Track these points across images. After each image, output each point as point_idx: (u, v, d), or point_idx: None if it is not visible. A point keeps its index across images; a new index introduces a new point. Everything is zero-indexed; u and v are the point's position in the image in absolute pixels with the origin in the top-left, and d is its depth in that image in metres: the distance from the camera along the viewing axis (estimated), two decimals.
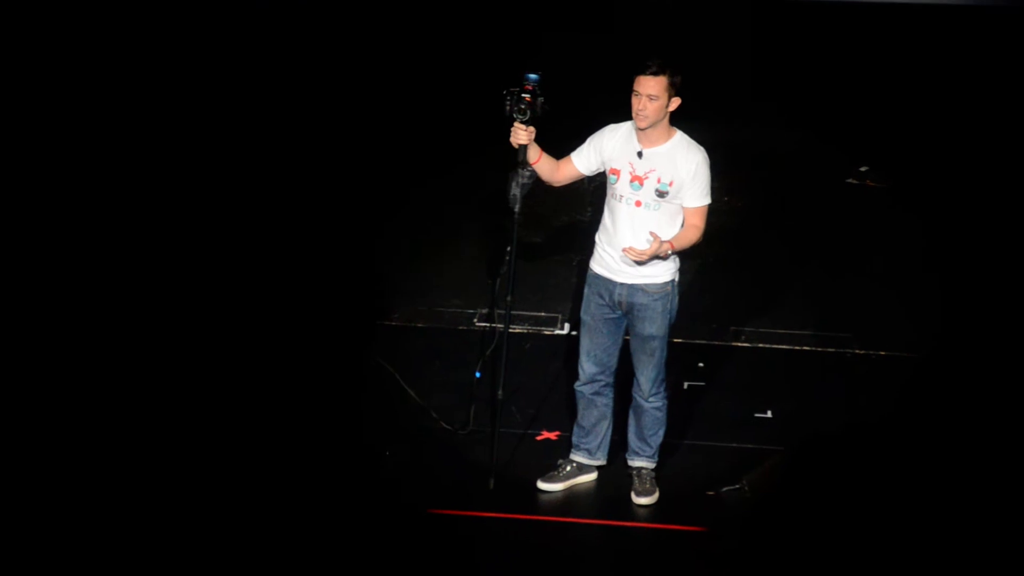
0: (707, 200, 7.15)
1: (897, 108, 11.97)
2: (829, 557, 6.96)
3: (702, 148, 7.15)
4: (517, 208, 7.30)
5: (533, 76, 7.14)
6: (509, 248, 7.38)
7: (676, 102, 7.04)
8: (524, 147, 7.19)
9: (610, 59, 9.15)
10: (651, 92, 6.97)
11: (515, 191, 7.24)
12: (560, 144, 7.38)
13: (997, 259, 9.81)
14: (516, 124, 7.14)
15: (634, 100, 7.02)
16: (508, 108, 7.14)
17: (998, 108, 11.63)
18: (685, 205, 7.12)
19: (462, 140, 11.05)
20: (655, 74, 6.96)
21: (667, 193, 7.08)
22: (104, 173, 10.39)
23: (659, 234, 7.08)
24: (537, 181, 7.33)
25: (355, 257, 9.65)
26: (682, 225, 7.16)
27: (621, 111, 7.18)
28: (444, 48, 12.27)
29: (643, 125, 7.05)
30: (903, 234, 10.38)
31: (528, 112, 7.11)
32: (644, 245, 7.06)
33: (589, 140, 7.31)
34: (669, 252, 7.09)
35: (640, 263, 7.12)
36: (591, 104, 7.72)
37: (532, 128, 7.15)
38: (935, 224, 10.38)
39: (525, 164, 7.21)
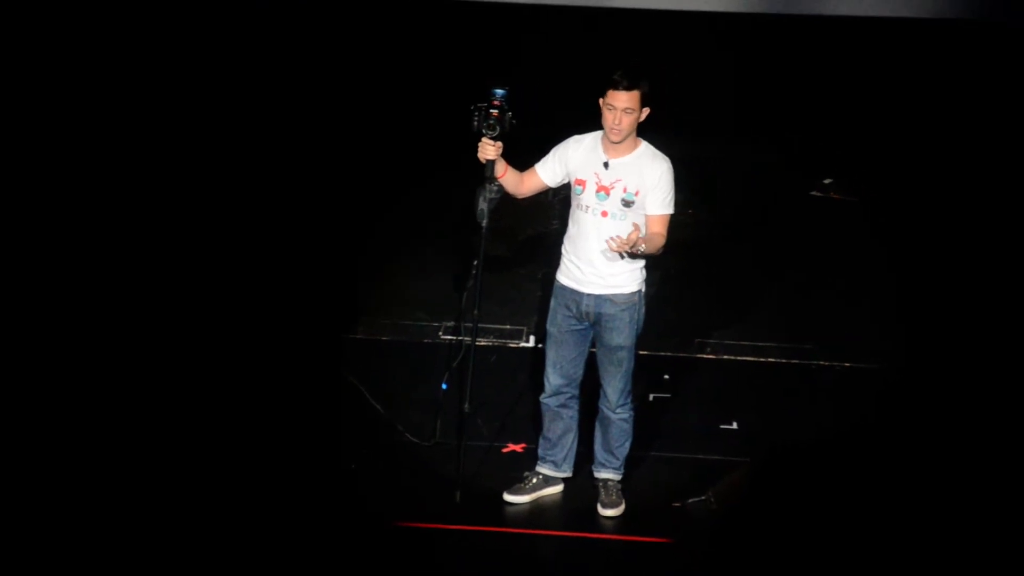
0: (670, 209, 7.16)
1: (862, 121, 12.01)
2: (794, 568, 6.98)
3: (667, 158, 7.17)
4: (485, 223, 7.30)
5: (500, 91, 7.15)
6: (476, 262, 7.37)
7: (646, 112, 7.07)
8: (492, 162, 7.19)
9: (576, 71, 9.17)
10: (626, 106, 6.98)
11: (483, 206, 7.24)
12: (523, 157, 7.38)
13: (961, 271, 9.86)
14: (484, 139, 7.15)
15: (608, 115, 7.03)
16: (476, 123, 7.14)
17: (962, 121, 11.68)
18: (647, 213, 7.12)
19: (428, 154, 11.04)
20: (628, 88, 6.97)
21: (633, 203, 7.10)
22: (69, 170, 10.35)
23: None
24: (503, 195, 7.34)
25: (320, 270, 9.62)
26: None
27: (586, 122, 7.21)
28: (408, 64, 12.25)
29: (618, 139, 7.07)
30: (868, 246, 10.42)
31: (497, 127, 7.11)
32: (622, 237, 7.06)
33: (553, 151, 7.31)
34: (641, 249, 7.07)
35: (622, 255, 7.07)
36: (555, 117, 7.72)
37: (500, 143, 7.15)
38: (900, 236, 10.42)
39: (492, 179, 7.21)
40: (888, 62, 12.18)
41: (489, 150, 7.16)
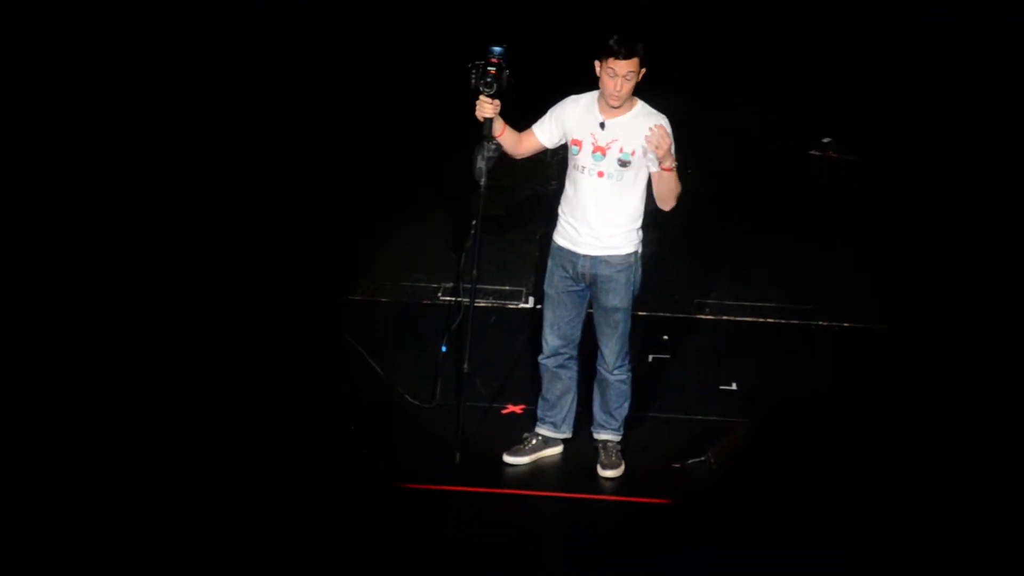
0: (675, 163, 7.13)
1: (860, 80, 11.99)
2: (794, 528, 6.99)
3: (663, 115, 7.15)
4: (483, 181, 7.28)
5: (497, 49, 7.13)
6: (474, 222, 7.36)
7: (643, 72, 7.05)
8: (490, 120, 7.17)
9: (573, 37, 9.15)
10: (628, 71, 6.97)
11: (480, 164, 7.23)
12: (520, 118, 7.36)
13: (959, 229, 9.85)
14: (482, 97, 7.13)
15: (609, 82, 7.00)
16: (473, 81, 7.12)
17: (961, 85, 11.67)
18: (653, 170, 7.11)
19: (425, 114, 11.01)
20: (627, 56, 6.95)
21: (629, 163, 7.09)
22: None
23: (623, 203, 7.10)
24: (501, 154, 7.32)
25: (318, 232, 9.61)
26: (645, 193, 7.17)
27: (582, 84, 7.19)
28: (406, 27, 12.23)
29: (618, 104, 7.06)
30: (867, 206, 10.40)
31: (494, 85, 7.09)
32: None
33: (550, 112, 7.30)
34: (673, 165, 7.04)
35: (656, 149, 7.03)
36: (552, 79, 7.69)
37: (497, 101, 7.13)
38: (898, 196, 10.41)
39: (490, 137, 7.20)
40: (886, 29, 12.17)
41: (487, 108, 7.14)
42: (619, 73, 6.97)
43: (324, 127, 11.05)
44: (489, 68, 7.09)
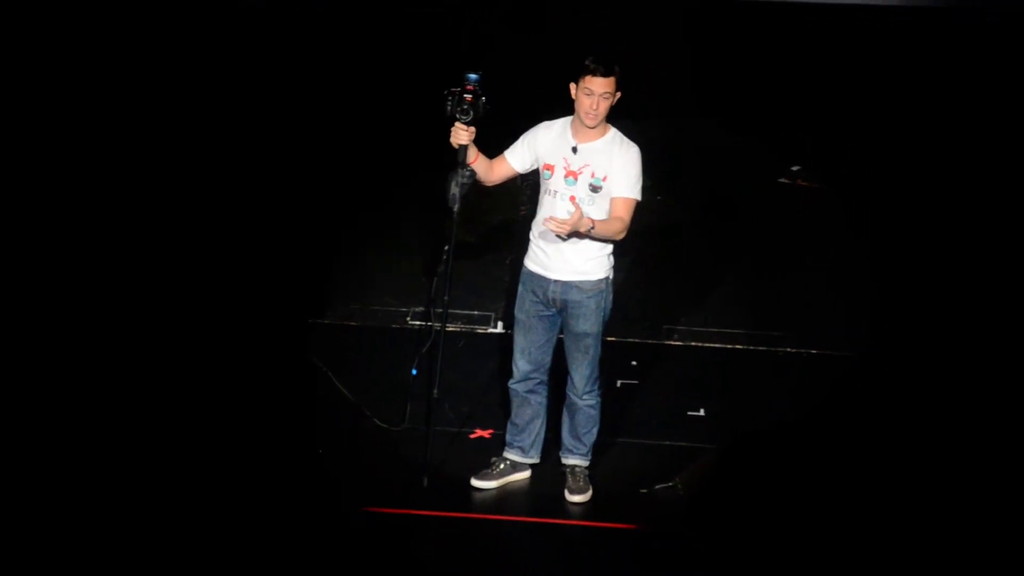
0: (634, 195, 7.14)
1: (829, 108, 12.04)
2: (760, 554, 7.00)
3: (635, 145, 7.17)
4: (456, 208, 7.29)
5: (473, 76, 7.13)
6: (447, 247, 7.36)
7: (618, 96, 7.08)
8: (464, 147, 7.17)
9: (544, 58, 9.17)
10: (604, 91, 6.99)
11: (454, 191, 7.23)
12: (492, 144, 7.37)
13: (928, 257, 9.90)
14: (457, 124, 7.13)
15: (586, 100, 7.02)
16: (449, 108, 7.13)
17: (929, 108, 11.73)
18: (612, 195, 7.13)
19: (398, 138, 11.03)
20: (605, 74, 6.98)
21: (601, 188, 7.10)
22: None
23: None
24: (474, 181, 7.33)
25: (287, 254, 9.60)
26: None
27: (556, 109, 7.21)
28: (377, 53, 12.24)
29: (594, 123, 7.07)
30: (835, 233, 10.45)
31: (470, 112, 7.10)
32: (565, 215, 7.06)
33: (523, 137, 7.31)
34: (590, 229, 7.06)
35: (562, 238, 7.09)
36: (525, 104, 7.71)
37: (473, 128, 7.14)
38: (867, 223, 10.46)
39: (464, 164, 7.20)
40: (855, 47, 12.21)
41: (462, 135, 7.15)
42: (595, 91, 7.00)
43: (295, 151, 11.04)
44: (465, 95, 7.10)
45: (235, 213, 9.99)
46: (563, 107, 7.18)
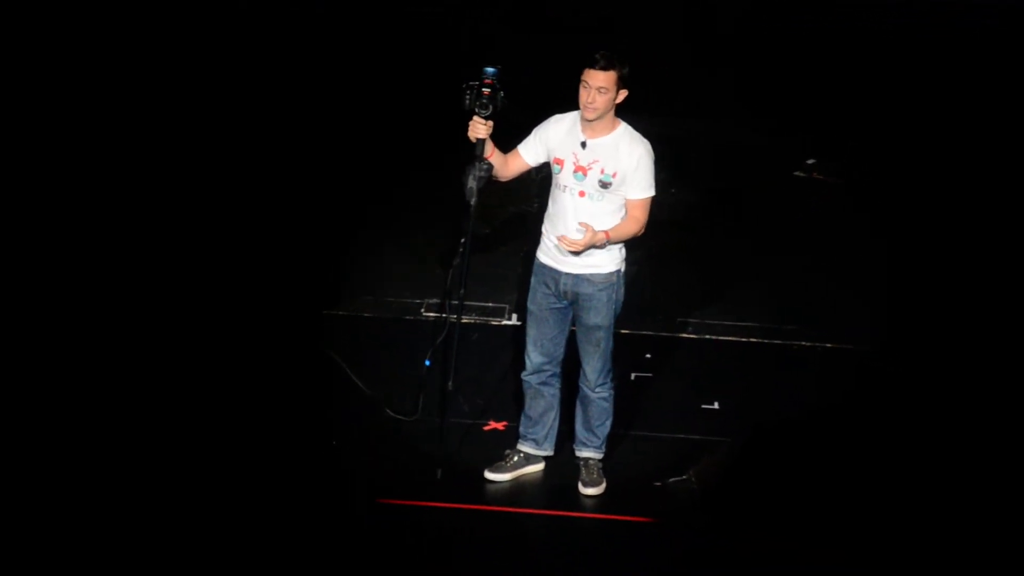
0: (650, 192, 7.16)
1: (845, 101, 12.02)
2: (773, 547, 7.00)
3: (646, 140, 7.16)
4: (473, 201, 7.28)
5: (491, 70, 7.12)
6: (463, 240, 7.36)
7: (623, 94, 7.07)
8: (482, 140, 7.17)
9: (562, 52, 9.16)
10: (601, 85, 6.99)
11: (471, 184, 7.22)
12: (507, 140, 7.37)
13: (944, 251, 9.88)
14: (475, 118, 7.12)
15: (583, 92, 7.04)
16: (467, 102, 7.11)
17: (946, 102, 11.71)
18: (628, 197, 7.14)
19: (414, 130, 11.04)
20: (604, 68, 6.98)
21: (610, 184, 7.10)
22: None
23: (601, 225, 7.10)
24: (491, 174, 7.32)
25: (303, 246, 9.61)
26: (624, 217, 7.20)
27: (570, 103, 7.21)
28: (397, 45, 12.25)
29: (591, 116, 7.07)
30: (850, 226, 10.44)
31: (489, 106, 7.09)
32: (578, 235, 7.08)
33: (535, 131, 7.31)
34: (605, 242, 7.10)
35: (575, 253, 7.14)
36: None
37: (490, 122, 7.13)
38: (883, 217, 10.44)
39: (482, 157, 7.20)
40: (870, 43, 12.20)
41: (480, 129, 7.14)
42: (591, 84, 7.00)
43: (310, 143, 11.05)
44: (483, 89, 7.09)
45: (251, 205, 10.00)
46: (562, 106, 7.17)
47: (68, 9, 11.44)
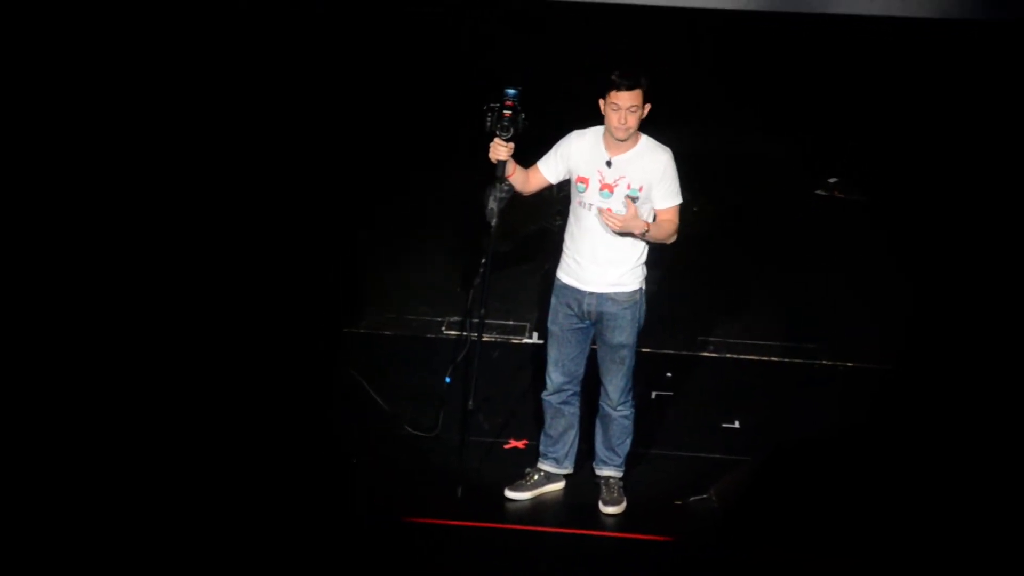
0: (678, 200, 7.17)
1: (866, 119, 11.99)
2: (795, 567, 6.98)
3: (668, 148, 7.17)
4: (494, 222, 7.28)
5: (512, 91, 7.12)
6: (484, 260, 7.36)
7: (648, 108, 7.07)
8: (503, 162, 7.17)
9: (578, 66, 9.17)
10: (631, 104, 6.99)
11: (492, 205, 7.22)
12: (525, 154, 7.38)
13: (965, 271, 9.85)
14: (496, 140, 7.13)
15: (613, 115, 7.02)
16: (489, 124, 7.12)
17: (966, 120, 11.67)
18: (656, 207, 7.14)
19: (434, 148, 11.04)
20: (631, 88, 6.98)
21: (638, 198, 7.10)
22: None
23: (627, 241, 7.10)
24: (513, 195, 7.32)
25: (323, 264, 9.62)
26: None
27: (589, 119, 7.21)
28: (418, 57, 12.24)
29: (624, 136, 7.07)
30: (872, 245, 10.41)
31: (510, 129, 7.10)
32: (619, 244, 7.09)
33: (555, 148, 7.31)
34: (643, 233, 7.08)
35: (617, 233, 7.08)
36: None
37: (512, 144, 7.14)
38: (904, 236, 10.41)
39: (503, 179, 7.20)
40: (894, 61, 12.16)
41: (501, 151, 7.15)
42: (622, 106, 6.99)
43: (331, 160, 11.06)
44: (504, 111, 7.10)
45: (272, 222, 10.01)
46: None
47: (68, 9, 11.45)
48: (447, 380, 7.87)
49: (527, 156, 7.32)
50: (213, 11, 11.94)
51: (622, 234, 7.11)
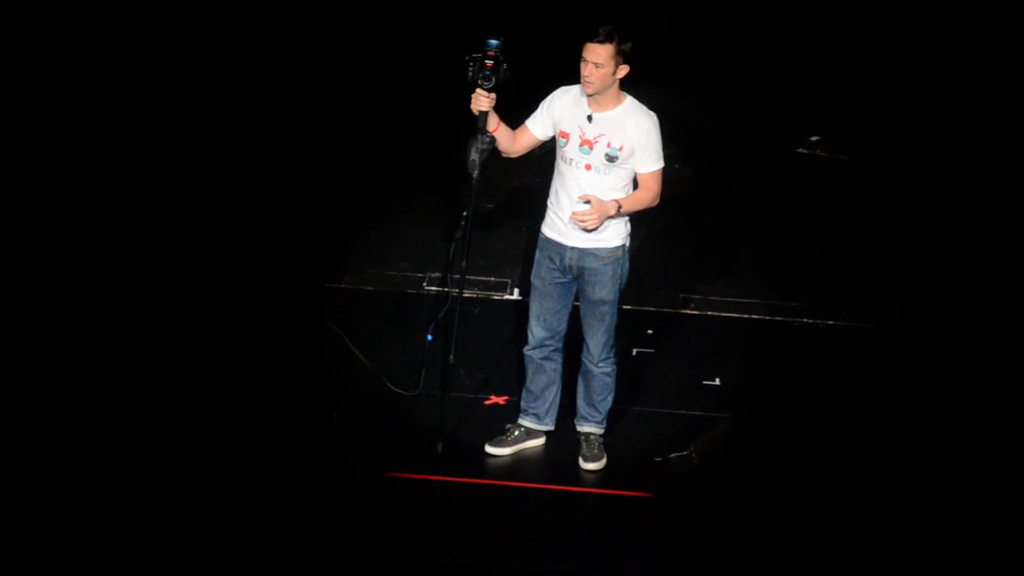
0: (660, 164, 7.18)
1: (849, 78, 11.97)
2: (774, 522, 7.01)
3: (652, 113, 7.16)
4: (475, 174, 7.27)
5: (494, 42, 7.11)
6: (465, 214, 7.36)
7: (624, 70, 7.05)
8: (485, 113, 7.16)
9: (567, 27, 9.13)
10: (597, 59, 6.97)
11: (474, 157, 7.21)
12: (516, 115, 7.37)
13: (947, 229, 9.86)
14: (478, 90, 7.12)
15: (582, 66, 7.03)
16: (471, 74, 7.11)
17: (950, 81, 11.66)
18: (638, 171, 7.14)
19: (416, 102, 10.99)
20: (602, 42, 6.97)
21: (617, 158, 7.09)
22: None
23: (609, 197, 7.10)
24: (494, 150, 7.31)
25: (304, 219, 9.59)
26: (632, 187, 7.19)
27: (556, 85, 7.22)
28: (397, 16, 12.18)
29: (590, 91, 7.07)
30: (853, 204, 10.40)
31: (492, 79, 7.08)
32: (585, 207, 7.09)
33: (542, 104, 7.31)
34: (618, 210, 7.10)
35: (589, 231, 7.14)
36: (546, 74, 7.68)
37: (493, 95, 7.13)
38: (885, 195, 10.41)
39: (485, 131, 7.19)
40: (881, 21, 12.14)
41: (483, 101, 7.14)
42: (588, 58, 6.99)
43: (312, 115, 11.00)
44: (486, 61, 7.09)
45: (252, 178, 9.96)
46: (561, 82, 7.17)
47: (68, 8, 11.39)
48: (428, 337, 7.87)
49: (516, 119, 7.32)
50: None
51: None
